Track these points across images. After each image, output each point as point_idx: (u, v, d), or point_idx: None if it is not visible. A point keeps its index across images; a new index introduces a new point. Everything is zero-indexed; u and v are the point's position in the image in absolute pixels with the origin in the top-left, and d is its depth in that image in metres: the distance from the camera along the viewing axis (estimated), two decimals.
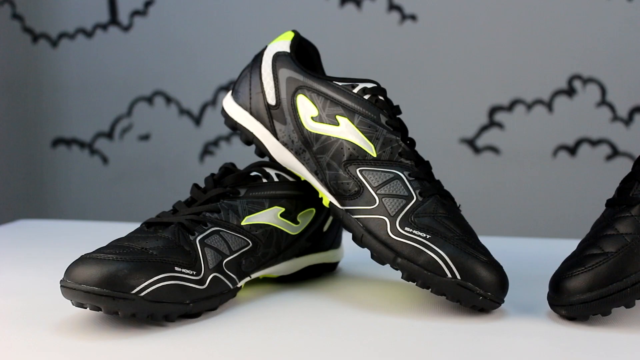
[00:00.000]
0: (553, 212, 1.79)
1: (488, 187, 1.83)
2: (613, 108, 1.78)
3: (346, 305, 0.75)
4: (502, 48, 1.81)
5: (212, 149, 1.94)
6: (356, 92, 0.77)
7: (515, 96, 1.81)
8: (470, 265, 0.69)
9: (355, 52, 1.87)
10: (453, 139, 1.84)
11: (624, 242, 0.68)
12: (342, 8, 1.86)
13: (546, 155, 1.81)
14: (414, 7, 1.84)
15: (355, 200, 0.74)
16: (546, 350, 0.63)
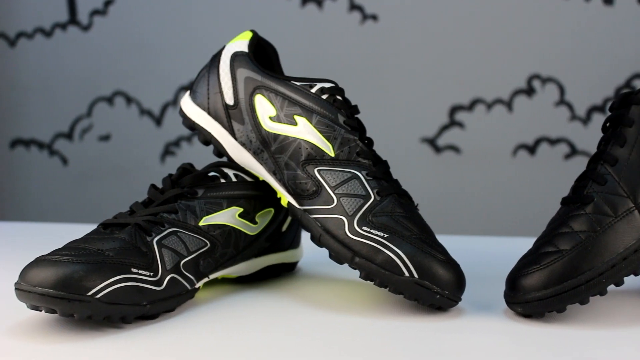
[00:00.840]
0: (513, 210, 1.81)
1: (449, 186, 1.84)
2: (571, 107, 1.80)
3: (305, 305, 0.75)
4: (463, 48, 1.82)
5: (173, 149, 1.93)
6: (314, 92, 0.77)
7: (475, 96, 1.83)
8: (427, 264, 0.70)
9: (317, 52, 1.87)
10: (414, 139, 1.85)
11: (578, 240, 0.69)
12: (303, 8, 1.86)
13: (506, 154, 1.82)
14: (375, 7, 1.85)
15: (314, 200, 0.74)
16: (503, 347, 0.63)
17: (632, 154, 0.71)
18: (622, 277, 0.68)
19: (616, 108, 0.74)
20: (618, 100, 0.74)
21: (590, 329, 0.67)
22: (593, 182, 0.71)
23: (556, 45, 1.81)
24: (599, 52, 1.80)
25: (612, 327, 0.68)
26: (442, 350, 0.62)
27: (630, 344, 0.64)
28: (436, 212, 1.80)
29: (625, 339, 0.65)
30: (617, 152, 0.72)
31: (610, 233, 0.68)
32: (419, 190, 1.82)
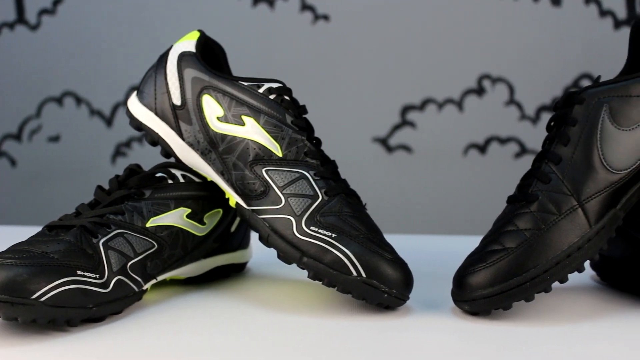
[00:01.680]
0: (464, 209, 1.82)
1: (400, 185, 1.85)
2: (521, 107, 1.83)
3: (254, 305, 0.75)
4: (414, 48, 1.84)
5: (124, 150, 1.91)
6: (262, 92, 0.77)
7: (426, 95, 1.84)
8: (375, 263, 0.70)
9: (269, 52, 1.86)
10: (366, 138, 1.86)
11: (524, 238, 0.69)
12: (254, 8, 1.86)
13: (457, 153, 1.84)
14: (326, 7, 1.85)
15: (261, 200, 0.74)
16: (450, 345, 0.64)
17: (575, 153, 0.72)
18: (567, 274, 0.69)
19: (560, 107, 0.76)
20: (562, 100, 0.76)
21: (535, 326, 0.68)
22: (538, 180, 0.72)
23: (506, 45, 1.83)
24: (547, 52, 1.82)
25: (557, 323, 0.69)
26: (390, 349, 0.63)
27: (575, 340, 0.65)
28: (388, 211, 1.81)
29: (569, 335, 0.66)
30: (561, 151, 0.72)
31: (555, 231, 0.69)
32: (371, 190, 1.83)
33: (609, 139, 0.71)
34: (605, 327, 0.68)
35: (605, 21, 1.82)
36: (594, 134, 0.71)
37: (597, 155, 0.71)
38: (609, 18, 1.81)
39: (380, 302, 0.71)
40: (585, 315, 0.72)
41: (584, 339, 0.65)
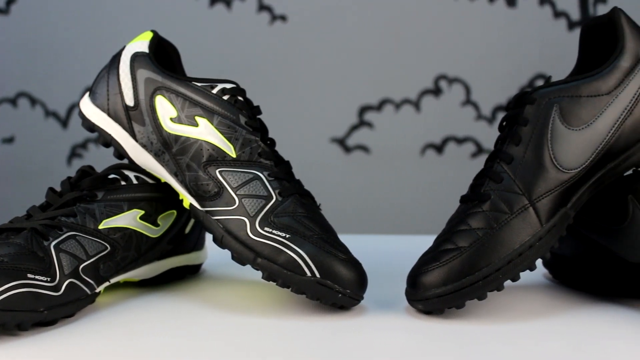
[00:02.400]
0: (421, 209, 1.83)
1: (358, 185, 1.86)
2: (477, 107, 1.84)
3: (209, 307, 0.75)
4: (371, 48, 1.84)
5: (80, 151, 1.89)
6: (215, 92, 0.77)
7: (384, 96, 1.85)
8: (329, 264, 0.70)
9: (227, 53, 1.86)
10: (324, 139, 1.86)
11: (476, 237, 0.70)
12: (211, 8, 1.85)
13: (414, 153, 1.85)
14: (284, 8, 1.85)
15: (215, 201, 0.74)
16: (404, 344, 0.64)
17: (526, 153, 0.72)
18: (518, 273, 0.70)
19: (512, 108, 0.76)
20: (514, 100, 0.76)
21: (488, 324, 0.69)
22: (490, 180, 0.73)
23: (462, 46, 1.84)
24: (503, 53, 1.84)
25: (509, 321, 0.70)
26: (344, 349, 0.63)
27: (527, 337, 0.65)
28: (346, 211, 1.81)
29: (522, 333, 0.66)
30: (513, 150, 0.73)
31: (507, 230, 0.70)
32: (329, 190, 1.83)
33: (559, 139, 0.72)
34: (557, 325, 0.69)
35: (560, 22, 1.84)
36: (544, 134, 0.72)
37: (548, 154, 0.72)
38: (563, 19, 1.84)
39: (335, 302, 0.71)
40: (537, 313, 0.73)
41: (535, 337, 0.66)
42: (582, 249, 0.80)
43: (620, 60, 0.74)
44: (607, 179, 0.74)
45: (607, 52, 0.77)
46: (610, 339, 0.65)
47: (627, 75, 0.73)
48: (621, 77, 0.73)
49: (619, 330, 0.68)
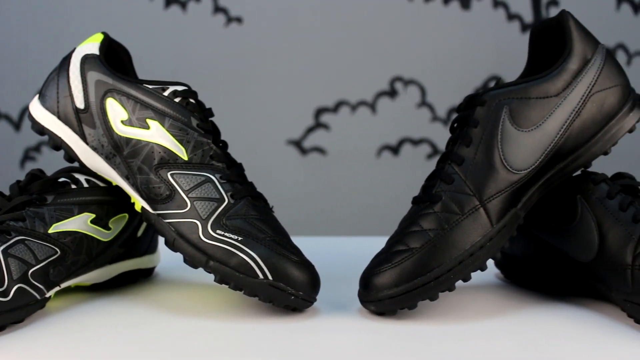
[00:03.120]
0: (378, 210, 1.84)
1: (315, 187, 1.86)
2: (432, 109, 1.85)
3: (162, 311, 0.74)
4: (327, 50, 1.85)
5: (33, 154, 1.87)
6: (166, 95, 0.76)
7: (340, 98, 1.85)
8: (281, 266, 0.70)
9: (182, 54, 1.85)
10: (280, 141, 1.86)
11: (428, 238, 0.70)
12: (166, 10, 1.84)
13: (370, 155, 1.86)
14: (239, 10, 1.85)
15: (167, 204, 0.73)
16: (356, 345, 0.64)
17: (477, 154, 0.73)
18: (470, 273, 0.70)
19: (463, 109, 0.77)
20: (464, 102, 0.77)
21: (440, 324, 0.69)
22: (441, 181, 0.73)
23: (417, 47, 1.85)
24: (457, 55, 1.86)
25: (460, 321, 0.71)
26: (297, 351, 0.63)
27: (478, 337, 0.66)
28: (302, 213, 1.82)
29: (473, 333, 0.67)
30: (464, 152, 0.74)
31: (458, 230, 0.70)
32: (286, 192, 1.84)
33: (509, 140, 0.73)
34: (508, 324, 0.70)
35: (513, 25, 1.86)
36: (494, 135, 0.73)
37: (498, 155, 0.72)
38: (516, 22, 1.86)
39: (287, 305, 0.71)
40: (488, 312, 0.74)
41: (486, 336, 0.66)
42: (533, 248, 0.81)
43: (568, 62, 0.75)
44: (556, 180, 0.75)
45: (556, 54, 0.78)
46: (560, 337, 0.66)
47: (575, 77, 0.74)
48: (569, 79, 0.74)
49: (568, 328, 0.69)
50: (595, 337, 0.66)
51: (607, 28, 1.87)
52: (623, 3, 1.89)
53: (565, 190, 0.77)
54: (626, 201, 0.72)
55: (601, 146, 0.75)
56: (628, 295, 0.69)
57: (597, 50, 0.76)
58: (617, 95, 0.76)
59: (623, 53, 1.90)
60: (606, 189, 0.74)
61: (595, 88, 0.75)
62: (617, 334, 0.67)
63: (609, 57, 0.77)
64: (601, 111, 0.75)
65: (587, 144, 0.75)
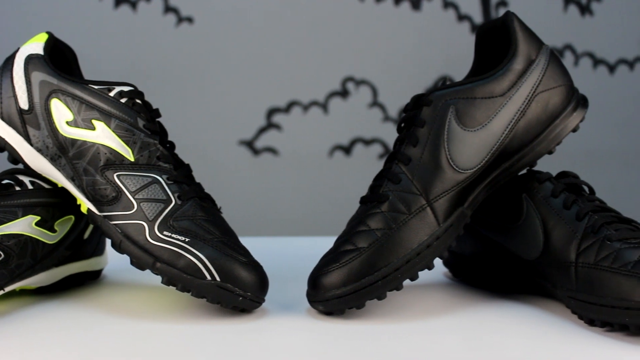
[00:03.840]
0: (330, 210, 1.84)
1: (267, 188, 1.86)
2: (384, 109, 1.86)
3: (109, 313, 0.73)
4: (279, 50, 1.84)
5: None
6: (112, 95, 0.75)
7: (291, 98, 1.85)
8: (229, 267, 0.70)
9: (132, 55, 1.83)
10: (232, 141, 1.85)
11: (375, 237, 0.71)
12: (116, 9, 1.82)
13: (322, 155, 1.86)
14: (190, 9, 1.84)
15: (113, 205, 0.72)
16: (305, 345, 0.64)
17: (424, 154, 0.74)
18: (417, 272, 0.71)
19: (409, 109, 0.77)
20: (411, 102, 0.78)
21: (388, 323, 0.70)
22: (388, 181, 0.74)
23: (368, 48, 1.86)
24: (408, 55, 1.87)
25: (408, 320, 0.71)
26: (245, 352, 0.62)
27: (426, 335, 0.66)
28: (254, 214, 1.81)
29: (420, 331, 0.68)
30: (410, 151, 0.74)
31: (405, 230, 0.71)
32: (238, 193, 1.83)
33: (455, 140, 0.73)
34: (455, 322, 0.71)
35: (463, 25, 1.88)
36: (441, 135, 0.74)
37: (445, 155, 0.73)
38: (466, 22, 1.88)
39: (236, 306, 0.70)
40: (436, 311, 0.75)
41: (433, 334, 0.67)
42: (480, 247, 0.82)
43: (513, 62, 0.76)
44: (502, 179, 0.76)
45: (502, 54, 0.79)
46: (506, 334, 0.67)
47: (520, 77, 0.75)
48: (514, 79, 0.75)
49: (514, 325, 0.69)
50: (540, 334, 0.67)
51: (554, 29, 1.90)
52: (570, 5, 1.92)
53: (511, 189, 0.78)
54: (570, 199, 0.73)
55: (546, 145, 0.76)
56: (572, 292, 0.70)
57: (541, 50, 0.77)
58: (561, 95, 0.77)
59: (570, 54, 1.93)
60: (551, 187, 0.75)
61: (539, 88, 0.76)
62: (562, 330, 0.68)
63: (553, 57, 0.78)
64: (545, 111, 0.76)
65: (532, 144, 0.76)
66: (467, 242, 0.83)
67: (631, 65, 1.97)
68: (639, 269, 0.65)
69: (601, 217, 0.71)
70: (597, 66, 1.95)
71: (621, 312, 0.64)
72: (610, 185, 1.85)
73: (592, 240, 0.70)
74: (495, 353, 0.62)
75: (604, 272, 0.67)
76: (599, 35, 1.95)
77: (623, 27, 1.96)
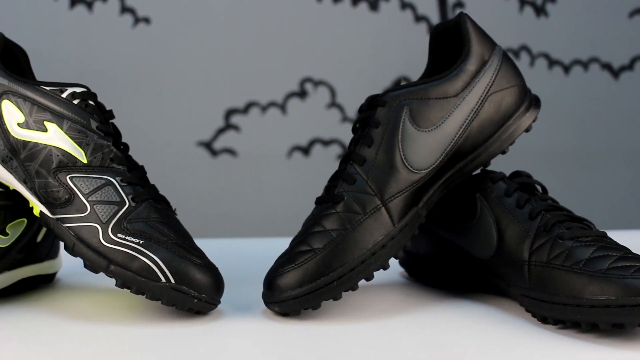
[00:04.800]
0: (288, 211, 1.84)
1: (225, 189, 1.85)
2: (342, 109, 1.87)
3: (63, 317, 0.73)
4: (237, 51, 1.84)
5: None
6: (65, 96, 0.75)
7: (250, 99, 1.85)
8: (184, 269, 0.69)
9: (88, 56, 1.82)
10: (190, 142, 1.84)
11: (330, 238, 0.71)
12: (72, 9, 1.81)
13: (281, 156, 1.86)
14: (147, 10, 1.83)
15: (66, 208, 0.72)
16: (261, 347, 0.64)
17: (378, 154, 0.74)
18: (372, 272, 0.71)
19: (364, 110, 0.78)
20: (366, 103, 0.78)
21: (343, 324, 0.70)
22: (343, 181, 0.74)
23: (327, 48, 1.86)
24: (366, 55, 1.88)
25: (364, 320, 0.71)
26: (201, 354, 0.62)
27: (381, 335, 0.67)
28: (213, 215, 1.81)
29: (376, 331, 0.68)
30: (365, 152, 0.75)
31: (360, 230, 0.71)
32: (196, 194, 1.82)
33: (409, 140, 0.74)
34: (410, 321, 0.71)
35: (420, 26, 1.89)
36: (395, 135, 0.74)
37: (399, 155, 0.73)
38: (424, 23, 1.89)
39: (191, 308, 0.70)
40: (392, 310, 0.75)
41: (388, 334, 0.67)
42: (435, 247, 0.83)
43: (466, 63, 0.76)
44: (456, 179, 0.77)
45: (455, 55, 0.79)
46: (461, 333, 0.67)
47: (473, 78, 0.76)
48: (467, 80, 0.76)
49: (469, 324, 0.70)
50: (495, 332, 0.67)
51: (511, 30, 1.92)
52: (525, 6, 1.94)
53: (465, 188, 0.78)
54: (523, 199, 0.74)
55: (499, 145, 0.77)
56: (525, 291, 0.70)
57: (494, 51, 0.78)
58: (514, 96, 0.78)
59: (526, 54, 1.95)
60: (504, 187, 0.76)
61: (492, 88, 0.76)
62: (516, 328, 0.68)
63: (506, 58, 0.79)
64: (499, 111, 0.77)
65: (485, 144, 0.76)
66: (422, 242, 0.83)
67: (585, 66, 1.99)
68: (590, 267, 0.66)
69: (553, 216, 0.72)
70: (553, 67, 1.98)
71: (573, 310, 0.65)
72: (565, 185, 1.87)
73: (545, 239, 0.71)
74: (450, 351, 0.63)
75: (556, 271, 0.68)
76: (554, 37, 1.97)
77: (577, 28, 1.99)
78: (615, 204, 2.03)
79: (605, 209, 1.98)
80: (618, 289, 0.63)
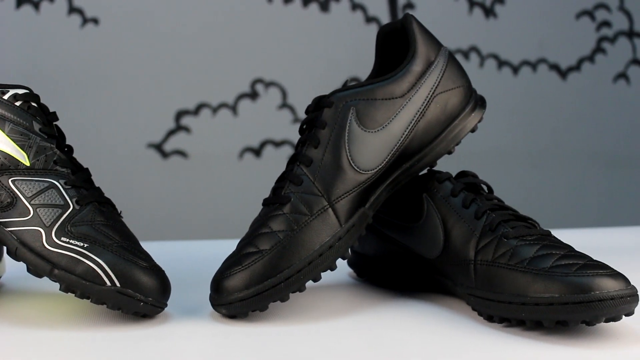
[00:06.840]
0: (240, 213, 1.83)
1: (176, 191, 1.84)
2: (294, 110, 1.87)
3: (7, 322, 0.71)
4: (187, 52, 1.83)
5: None
6: (6, 98, 0.73)
7: (200, 100, 1.84)
8: (129, 272, 0.68)
9: (35, 57, 1.79)
10: (140, 144, 1.83)
11: (277, 239, 0.71)
12: (18, 10, 1.78)
13: (233, 157, 1.85)
14: (95, 10, 1.81)
15: (8, 212, 0.70)
16: (208, 350, 0.64)
17: (325, 155, 0.74)
18: (319, 273, 0.71)
19: (311, 111, 0.78)
20: (312, 104, 0.78)
21: (291, 325, 0.70)
22: (290, 182, 0.74)
23: (277, 49, 1.86)
24: (317, 56, 1.88)
25: (311, 321, 0.71)
26: (148, 358, 0.62)
27: (328, 335, 0.67)
28: (163, 217, 1.79)
29: (323, 332, 0.68)
30: (312, 153, 0.75)
31: (307, 231, 0.71)
32: (146, 197, 1.81)
33: (356, 141, 0.74)
34: (357, 321, 0.71)
35: (371, 27, 1.90)
36: (342, 136, 0.74)
37: (346, 156, 0.74)
38: (374, 24, 1.90)
39: (137, 311, 0.69)
40: (339, 311, 0.75)
41: (336, 334, 0.67)
42: (383, 247, 0.83)
43: (412, 64, 0.77)
44: (403, 179, 0.77)
45: (402, 56, 0.80)
46: (408, 332, 0.68)
47: (419, 78, 0.76)
48: (413, 81, 0.76)
49: (417, 323, 0.70)
50: (442, 331, 0.68)
51: (460, 31, 1.94)
52: (475, 7, 1.96)
53: (411, 189, 0.79)
54: (469, 198, 0.75)
55: (445, 146, 0.78)
56: (471, 290, 0.71)
57: (440, 52, 0.78)
58: (459, 96, 0.78)
59: (476, 55, 1.97)
60: (450, 187, 0.76)
61: (438, 89, 0.77)
62: (462, 326, 0.69)
63: (452, 59, 0.79)
64: (444, 112, 0.77)
65: (431, 144, 0.77)
66: (370, 242, 0.84)
67: (534, 67, 2.02)
68: (534, 266, 0.67)
69: (499, 215, 0.73)
70: (502, 67, 2.00)
71: (518, 308, 0.66)
72: (512, 184, 1.90)
73: (490, 238, 0.71)
74: (397, 350, 0.63)
75: (501, 269, 0.68)
76: (503, 38, 2.00)
77: (526, 29, 2.02)
78: (560, 202, 2.06)
79: (551, 207, 2.01)
80: (561, 286, 0.64)
